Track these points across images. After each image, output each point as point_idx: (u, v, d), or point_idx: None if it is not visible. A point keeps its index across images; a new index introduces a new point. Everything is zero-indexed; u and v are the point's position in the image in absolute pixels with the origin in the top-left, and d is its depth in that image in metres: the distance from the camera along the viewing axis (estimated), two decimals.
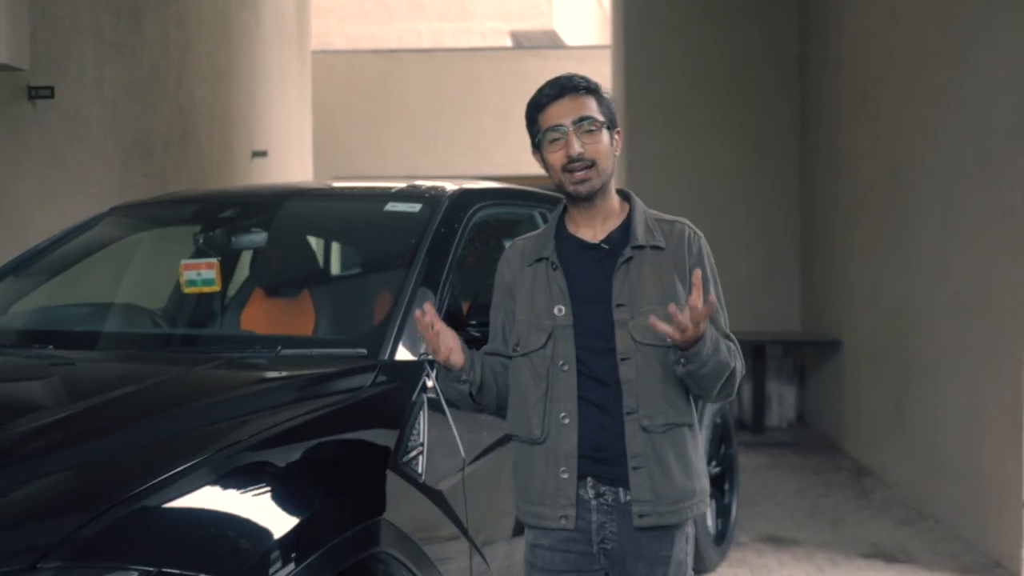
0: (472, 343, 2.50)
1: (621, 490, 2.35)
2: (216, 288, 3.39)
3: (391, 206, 3.30)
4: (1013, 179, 4.75)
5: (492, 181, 4.04)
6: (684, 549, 2.42)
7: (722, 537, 5.09)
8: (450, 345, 2.34)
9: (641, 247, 2.39)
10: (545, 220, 3.96)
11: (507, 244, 4.03)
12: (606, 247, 2.41)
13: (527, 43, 19.09)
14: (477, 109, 15.79)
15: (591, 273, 2.41)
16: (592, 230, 2.45)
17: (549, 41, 19.24)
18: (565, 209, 2.51)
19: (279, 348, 2.80)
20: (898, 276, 6.38)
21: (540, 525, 2.38)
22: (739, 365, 2.41)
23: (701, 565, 4.86)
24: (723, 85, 9.05)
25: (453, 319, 2.95)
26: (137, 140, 8.32)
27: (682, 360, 2.25)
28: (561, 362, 2.36)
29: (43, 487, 1.92)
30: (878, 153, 6.77)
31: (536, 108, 2.45)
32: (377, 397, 2.37)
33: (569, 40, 19.86)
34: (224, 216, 3.67)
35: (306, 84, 14.07)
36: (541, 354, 2.39)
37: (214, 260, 3.34)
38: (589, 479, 2.36)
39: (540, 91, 2.46)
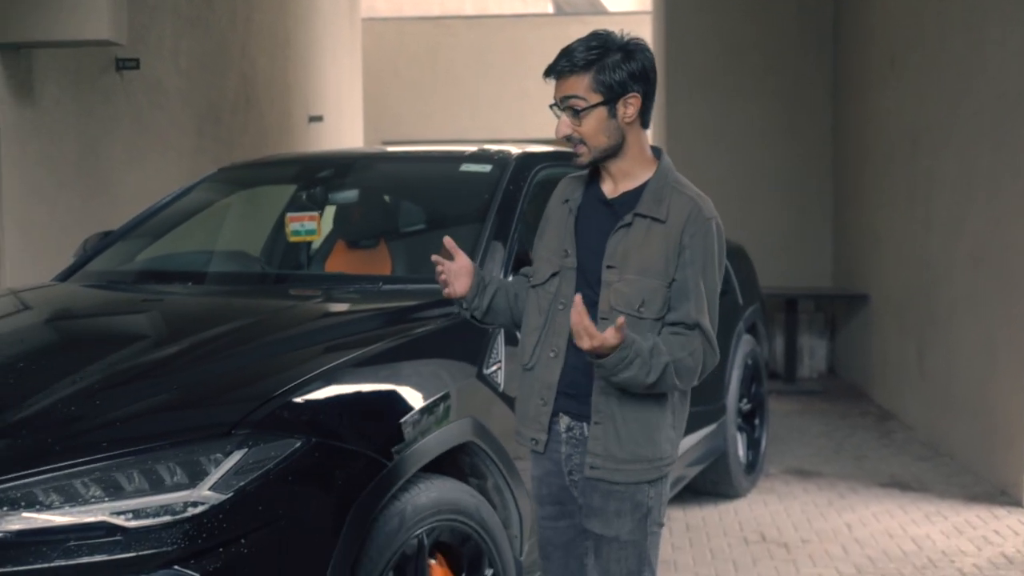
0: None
1: (586, 426, 2.47)
2: (316, 237, 3.97)
3: (465, 167, 3.84)
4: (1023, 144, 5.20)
5: (546, 145, 4.53)
6: (647, 493, 2.48)
7: (752, 467, 5.62)
8: (454, 283, 2.60)
9: (643, 216, 2.43)
10: None
11: None
12: (615, 206, 2.49)
13: (569, 9, 19.44)
14: (521, 74, 16.23)
15: (599, 227, 2.49)
16: (612, 186, 2.52)
17: (591, 7, 19.58)
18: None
19: (380, 284, 3.36)
20: (920, 232, 6.84)
21: (521, 443, 2.61)
22: (695, 363, 2.40)
23: (732, 491, 5.41)
24: (759, 51, 9.45)
25: (520, 265, 3.48)
26: (208, 107, 8.92)
27: (592, 361, 2.33)
28: (561, 302, 2.48)
29: (224, 381, 2.51)
30: (904, 116, 7.20)
31: (553, 75, 2.50)
32: (464, 322, 2.88)
33: (611, 6, 20.17)
34: (321, 176, 4.25)
35: (357, 51, 14.59)
36: (545, 289, 2.52)
37: (315, 213, 3.91)
38: (563, 415, 2.50)
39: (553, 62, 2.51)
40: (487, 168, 3.79)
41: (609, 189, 2.53)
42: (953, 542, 4.74)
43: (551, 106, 2.50)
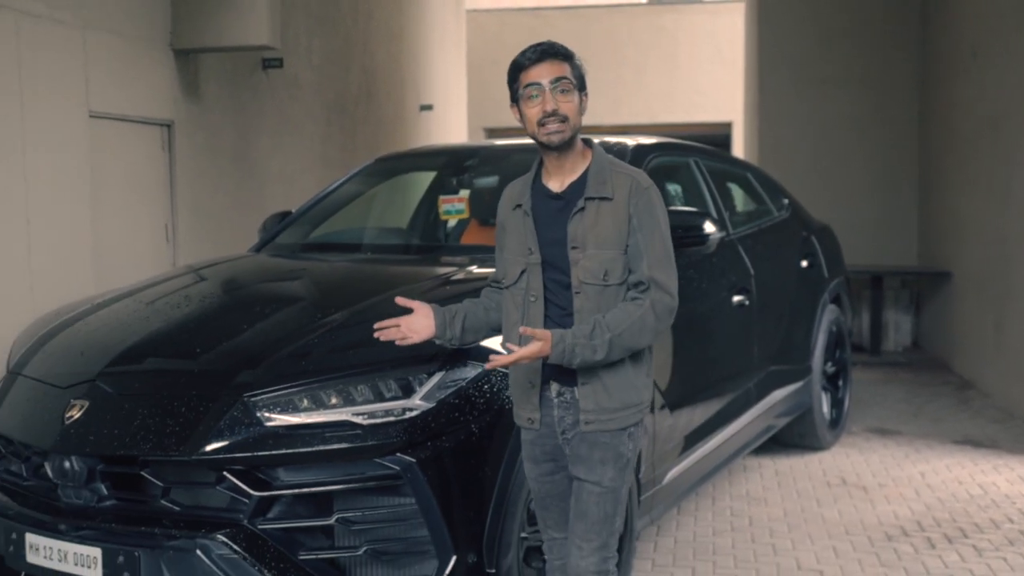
0: None
1: (576, 389, 2.71)
2: (465, 215, 4.72)
3: None
4: None
5: (655, 136, 5.21)
6: (628, 446, 2.74)
7: (835, 423, 6.24)
8: (413, 336, 2.78)
9: (593, 198, 2.69)
10: (700, 169, 5.15)
11: (670, 185, 5.26)
12: (565, 198, 2.72)
13: None
14: (617, 61, 16.84)
15: (554, 219, 2.72)
16: (559, 180, 2.74)
17: None
18: (541, 162, 2.79)
19: None
20: (999, 212, 7.33)
21: (518, 423, 2.85)
22: (648, 320, 2.64)
23: (817, 443, 6.04)
24: (849, 40, 9.94)
25: None
26: (335, 99, 9.80)
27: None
28: (532, 295, 2.73)
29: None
30: (985, 104, 7.68)
31: (518, 68, 2.69)
32: None
33: None
34: (463, 164, 5.02)
35: (462, 42, 15.39)
36: (517, 287, 2.77)
37: (464, 195, 4.67)
38: (552, 383, 2.75)
39: (523, 53, 2.71)
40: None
41: (556, 185, 2.75)
42: (1016, 488, 5.32)
43: (527, 85, 2.67)
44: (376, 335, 2.81)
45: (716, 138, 17.83)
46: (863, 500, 5.16)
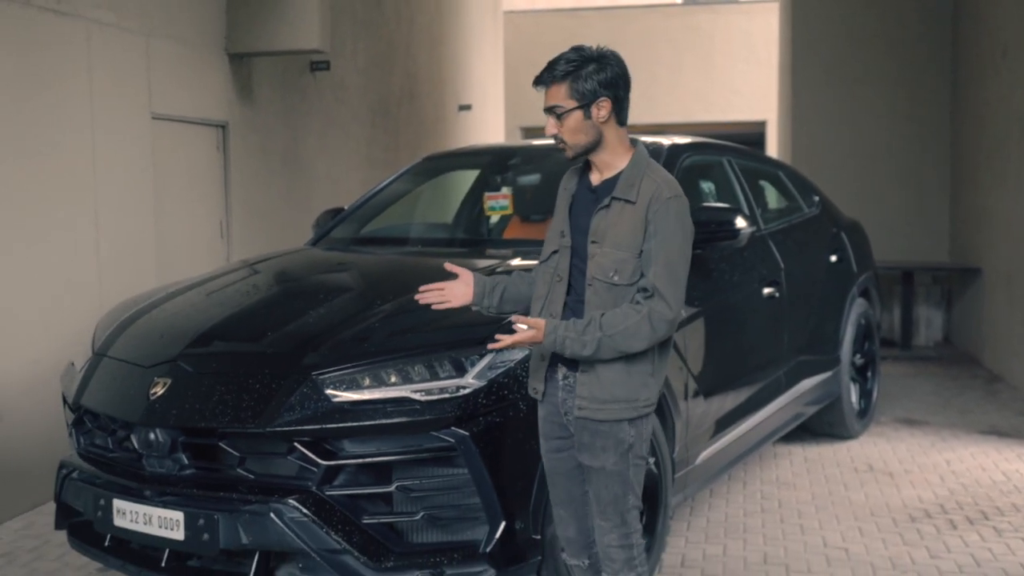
0: None
1: (578, 375, 2.90)
2: (509, 211, 5.00)
3: None
4: None
5: (690, 136, 5.44)
6: (629, 433, 2.88)
7: (864, 413, 6.45)
8: (446, 298, 3.01)
9: (618, 199, 2.86)
10: (733, 168, 5.39)
11: (703, 183, 5.49)
12: (597, 192, 2.93)
13: None
14: (652, 61, 17.05)
15: (586, 210, 2.93)
16: (597, 175, 2.96)
17: None
18: None
19: None
20: None
21: (529, 393, 3.07)
22: (643, 328, 2.75)
23: (846, 432, 6.26)
24: (882, 39, 10.11)
25: None
26: (379, 101, 10.11)
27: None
28: (558, 275, 2.94)
29: (467, 310, 3.51)
30: (1013, 102, 7.84)
31: (539, 84, 2.91)
32: None
33: None
34: (509, 163, 5.29)
35: (499, 43, 15.67)
36: (548, 265, 2.98)
37: (508, 192, 4.95)
38: (560, 366, 2.95)
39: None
40: None
41: (595, 178, 2.96)
42: None
43: (544, 110, 2.90)
44: (417, 298, 3.04)
45: (750, 137, 17.99)
46: (889, 485, 5.38)
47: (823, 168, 10.05)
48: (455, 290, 3.04)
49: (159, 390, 3.42)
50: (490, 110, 14.79)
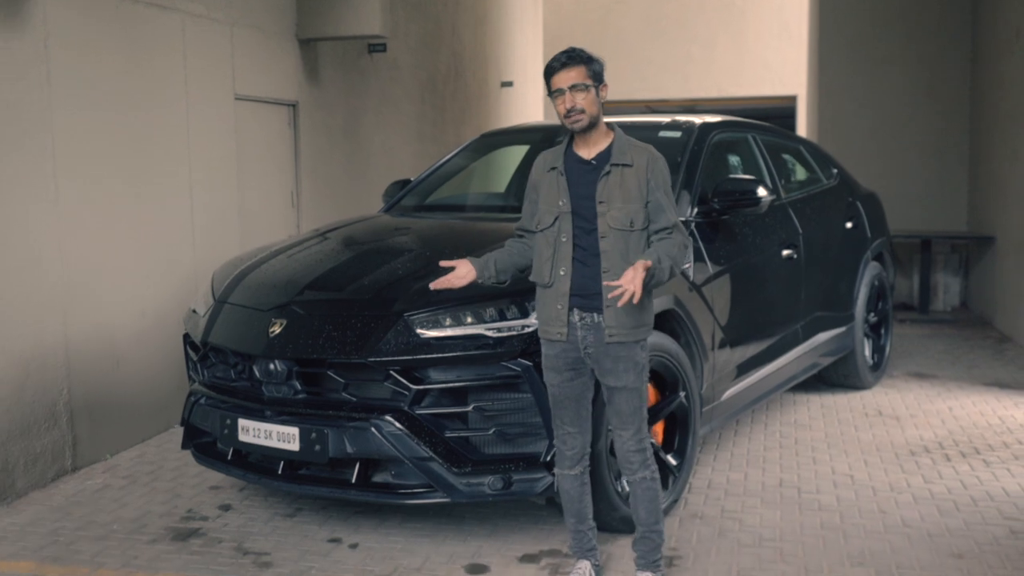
0: (708, 215, 4.74)
1: (596, 315, 3.55)
2: None
3: (662, 133, 5.44)
4: None
5: (719, 115, 6.08)
6: (641, 356, 3.60)
7: (877, 367, 7.09)
8: (455, 283, 3.67)
9: (617, 164, 3.56)
10: (757, 143, 6.03)
11: (730, 157, 6.13)
12: (594, 163, 3.59)
13: None
14: (687, 39, 17.58)
15: (584, 179, 3.59)
16: (587, 151, 3.62)
17: None
18: (572, 137, 3.66)
19: None
20: None
21: (547, 338, 3.63)
22: (683, 250, 3.55)
23: (860, 383, 6.90)
24: (904, 21, 10.63)
25: (702, 202, 5.07)
26: (428, 79, 10.78)
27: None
28: (563, 236, 3.58)
29: None
30: (1023, 82, 8.39)
31: (550, 72, 3.57)
32: None
33: None
34: (557, 140, 5.96)
35: (539, 20, 16.27)
36: (551, 230, 3.60)
37: None
38: (576, 310, 3.58)
39: (554, 59, 3.56)
40: (678, 134, 5.39)
41: (585, 153, 3.62)
42: None
43: (554, 91, 3.54)
44: (432, 287, 3.73)
45: (782, 111, 18.50)
46: (894, 427, 6.04)
47: (849, 142, 10.64)
48: (459, 273, 3.71)
49: (276, 329, 4.15)
50: (530, 86, 15.42)
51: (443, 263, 3.75)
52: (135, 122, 5.87)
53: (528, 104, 15.12)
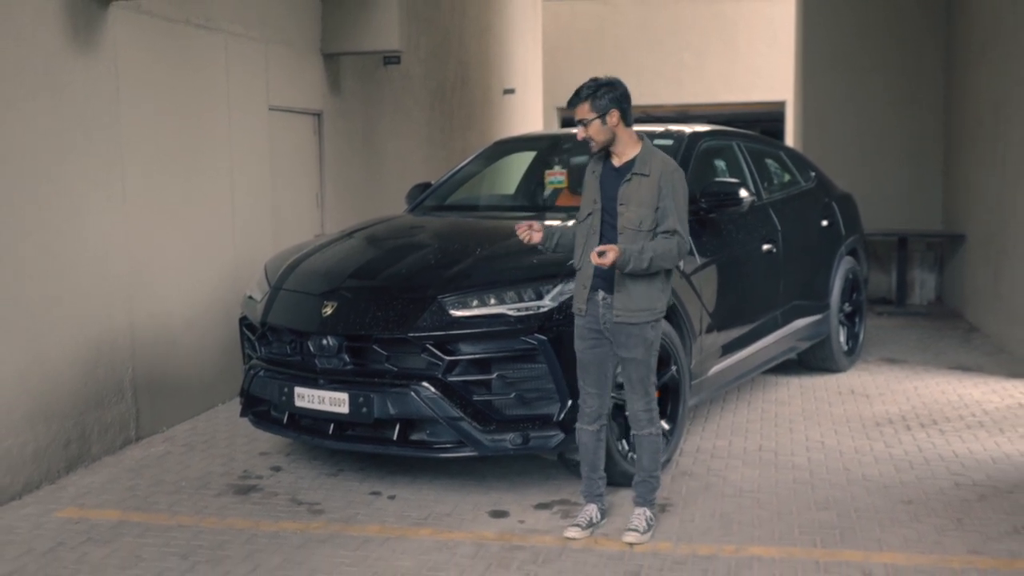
0: (696, 214, 5.45)
1: (615, 294, 4.27)
2: (565, 186, 6.39)
3: (656, 142, 6.09)
4: None
5: (707, 124, 6.79)
6: (652, 334, 4.30)
7: (851, 352, 7.81)
8: (532, 237, 4.36)
9: (637, 173, 4.25)
10: (741, 150, 6.76)
11: (716, 162, 6.85)
12: (621, 170, 4.29)
13: None
14: (680, 47, 18.33)
15: (613, 183, 4.31)
16: (617, 159, 4.34)
17: None
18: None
19: None
20: (997, 182, 8.80)
21: (575, 312, 4.38)
22: (673, 252, 4.21)
23: (835, 367, 7.63)
24: (885, 31, 11.37)
25: (691, 202, 5.77)
26: (436, 88, 11.50)
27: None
28: (593, 230, 4.30)
29: (543, 255, 4.94)
30: (989, 91, 9.12)
31: (569, 106, 4.34)
32: None
33: None
34: (564, 147, 6.69)
35: (538, 30, 17.00)
36: (586, 223, 4.35)
37: (565, 170, 6.34)
38: (600, 291, 4.30)
39: (571, 96, 4.32)
40: (670, 142, 6.11)
41: (616, 162, 4.34)
42: (986, 396, 6.88)
43: (575, 122, 4.36)
44: (517, 228, 4.43)
45: (772, 115, 19.24)
46: (864, 403, 6.77)
47: (832, 146, 11.38)
48: (535, 227, 4.44)
49: (328, 310, 4.88)
50: (530, 93, 16.14)
51: (530, 224, 4.44)
52: (186, 131, 6.58)
53: (529, 110, 15.85)
